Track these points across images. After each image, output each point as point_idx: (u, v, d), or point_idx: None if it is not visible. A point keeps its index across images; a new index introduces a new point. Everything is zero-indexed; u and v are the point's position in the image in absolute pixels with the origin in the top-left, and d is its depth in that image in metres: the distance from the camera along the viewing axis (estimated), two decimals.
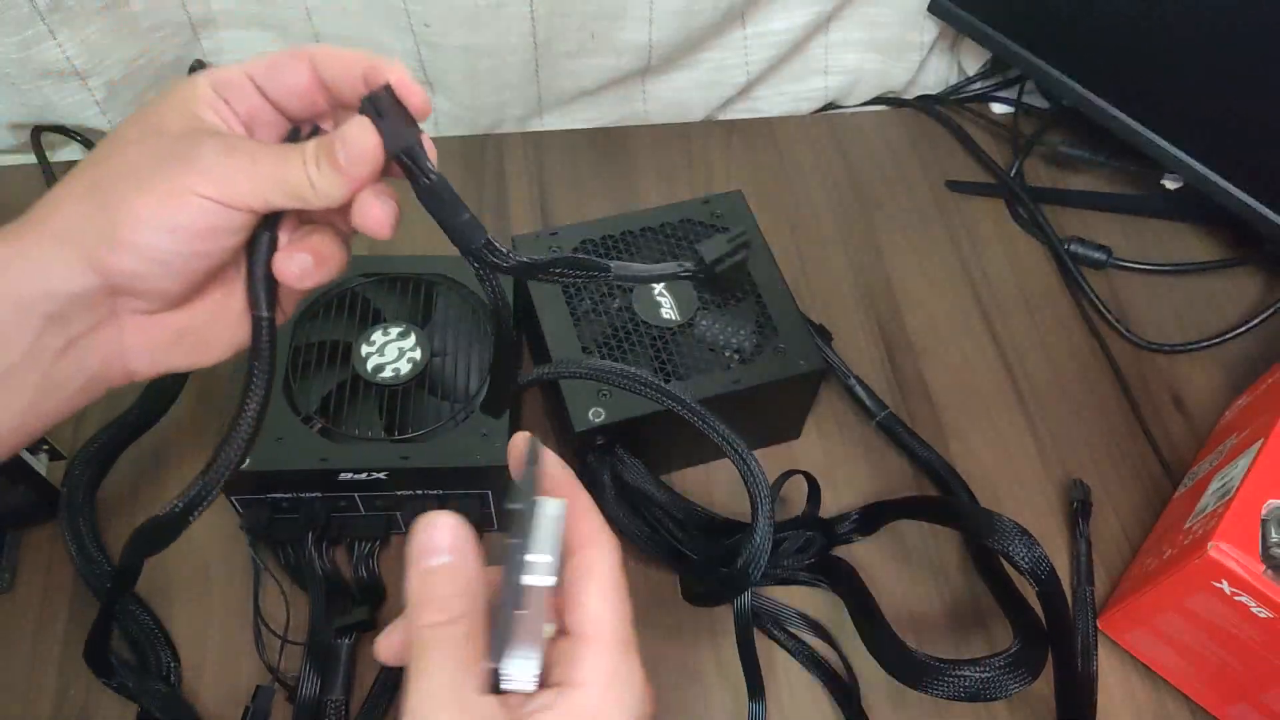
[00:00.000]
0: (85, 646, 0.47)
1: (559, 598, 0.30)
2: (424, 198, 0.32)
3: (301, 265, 0.33)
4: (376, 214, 0.32)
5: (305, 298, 0.37)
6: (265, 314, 0.34)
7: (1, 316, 0.30)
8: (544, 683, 0.28)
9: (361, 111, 0.31)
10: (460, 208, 0.32)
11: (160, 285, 0.32)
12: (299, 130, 0.35)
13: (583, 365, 0.42)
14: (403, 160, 0.31)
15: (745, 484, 0.43)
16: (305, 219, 0.35)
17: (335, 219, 0.35)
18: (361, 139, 0.30)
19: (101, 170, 0.31)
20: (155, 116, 0.32)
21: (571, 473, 0.32)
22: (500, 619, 0.28)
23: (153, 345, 0.34)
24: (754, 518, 0.43)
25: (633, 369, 0.41)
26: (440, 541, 0.30)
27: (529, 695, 0.28)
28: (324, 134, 0.33)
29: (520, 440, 0.32)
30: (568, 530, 0.30)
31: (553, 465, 0.32)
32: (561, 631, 0.30)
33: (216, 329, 0.35)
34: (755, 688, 0.50)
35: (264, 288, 0.34)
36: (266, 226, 0.33)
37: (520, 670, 0.28)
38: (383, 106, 0.31)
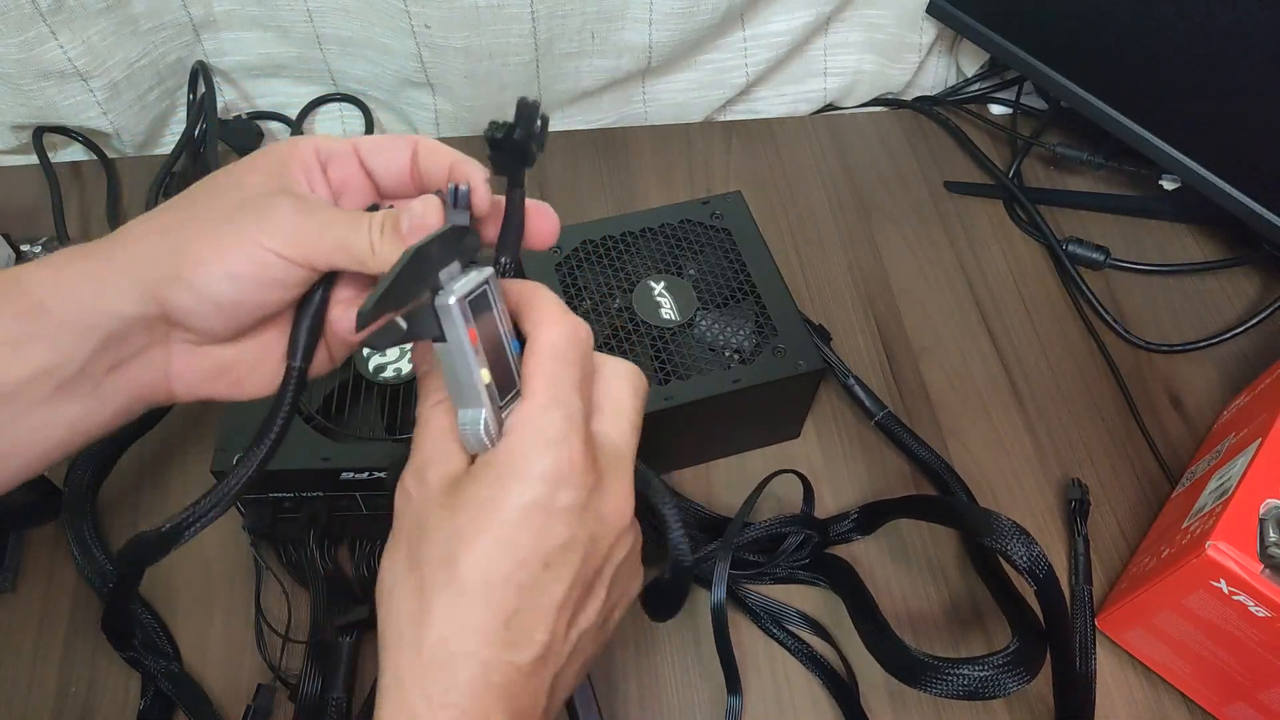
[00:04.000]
0: (104, 617, 0.47)
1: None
2: None
3: (353, 319, 0.34)
4: (543, 222, 0.35)
5: (354, 350, 0.39)
6: (299, 364, 0.35)
7: (66, 332, 0.32)
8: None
9: (439, 194, 0.34)
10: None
11: (210, 325, 0.34)
12: (377, 207, 0.36)
13: None
14: None
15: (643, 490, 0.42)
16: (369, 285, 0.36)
17: None
18: (427, 213, 0.33)
19: (180, 213, 0.33)
20: (245, 170, 0.34)
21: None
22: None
23: (194, 374, 0.35)
24: (660, 516, 0.42)
25: None
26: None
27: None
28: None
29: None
30: (524, 316, 0.34)
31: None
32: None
33: (256, 370, 0.36)
34: (733, 683, 0.50)
35: (305, 340, 0.35)
36: (323, 283, 0.35)
37: (468, 420, 0.32)
38: (457, 199, 0.34)
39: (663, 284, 0.58)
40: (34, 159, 0.71)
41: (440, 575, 0.30)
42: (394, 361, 0.53)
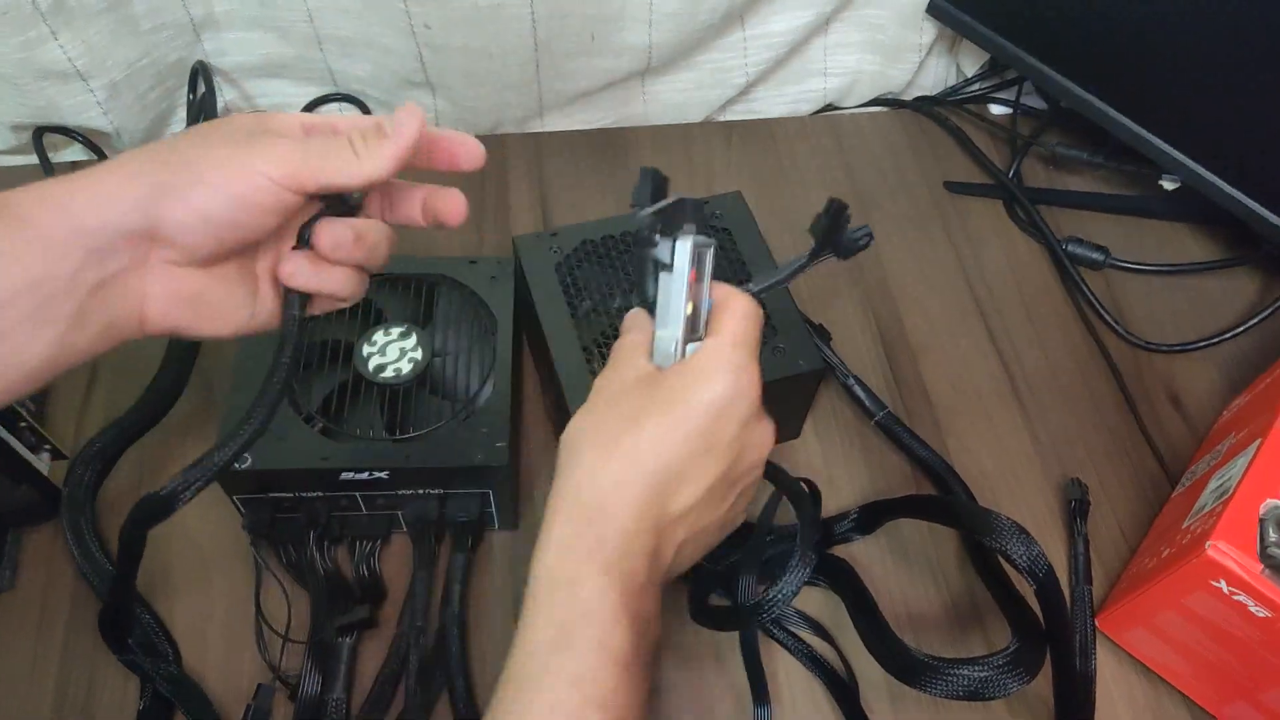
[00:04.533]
0: (100, 616, 0.48)
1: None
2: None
3: (336, 236, 0.39)
4: (455, 202, 0.42)
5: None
6: (295, 314, 0.40)
7: (52, 245, 0.33)
8: None
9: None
10: None
11: (192, 240, 0.36)
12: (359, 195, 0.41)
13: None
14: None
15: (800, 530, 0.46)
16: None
17: (382, 212, 0.43)
18: (410, 116, 0.38)
19: (182, 139, 0.37)
20: (233, 117, 0.39)
21: None
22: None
23: (167, 298, 0.37)
24: (791, 563, 0.44)
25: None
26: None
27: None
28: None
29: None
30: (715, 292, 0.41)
31: None
32: None
33: (228, 303, 0.39)
34: (760, 693, 0.50)
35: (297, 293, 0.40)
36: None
37: (664, 338, 0.40)
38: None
39: None
40: (34, 159, 0.71)
41: (626, 428, 0.37)
42: (394, 361, 0.54)
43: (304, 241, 0.39)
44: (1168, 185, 0.73)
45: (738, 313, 0.39)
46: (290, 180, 0.36)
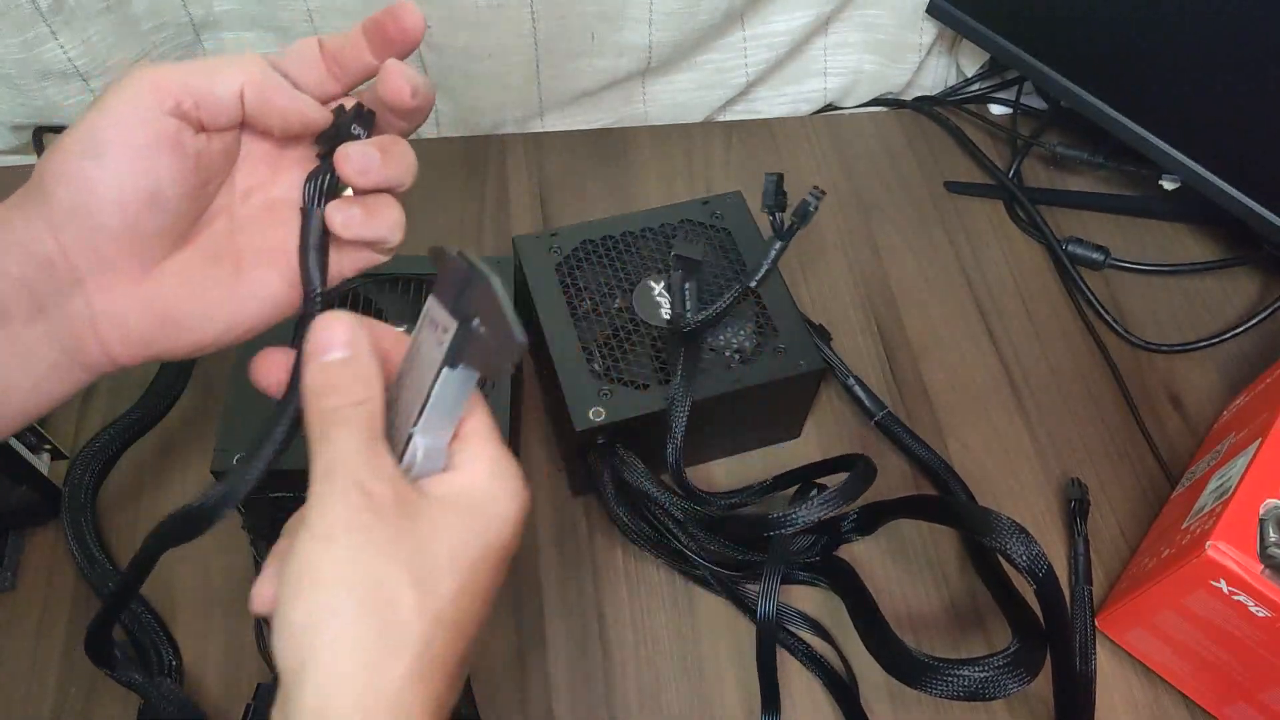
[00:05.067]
0: (87, 635, 0.46)
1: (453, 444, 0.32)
2: None
3: (365, 158, 0.33)
4: (390, 79, 0.34)
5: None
6: (318, 289, 0.33)
7: None
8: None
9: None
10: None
11: (102, 220, 0.31)
12: (342, 108, 0.36)
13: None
14: None
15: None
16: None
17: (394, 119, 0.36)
18: None
19: None
20: None
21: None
22: (415, 396, 0.30)
23: (122, 316, 0.32)
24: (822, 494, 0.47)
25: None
26: (337, 338, 0.30)
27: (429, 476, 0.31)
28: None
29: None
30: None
31: None
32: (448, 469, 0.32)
33: (192, 307, 0.33)
34: (771, 701, 0.50)
35: (318, 261, 0.33)
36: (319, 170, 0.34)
37: (433, 441, 0.30)
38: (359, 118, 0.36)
39: (663, 284, 0.58)
40: (34, 159, 0.71)
41: (393, 605, 0.28)
42: None
43: (313, 199, 0.34)
44: (1168, 185, 0.73)
45: (494, 431, 0.32)
46: (162, 94, 0.30)
